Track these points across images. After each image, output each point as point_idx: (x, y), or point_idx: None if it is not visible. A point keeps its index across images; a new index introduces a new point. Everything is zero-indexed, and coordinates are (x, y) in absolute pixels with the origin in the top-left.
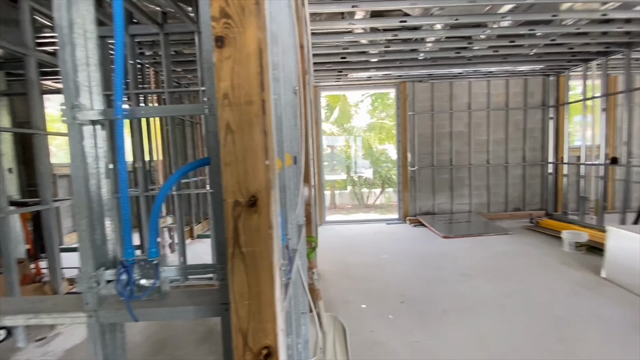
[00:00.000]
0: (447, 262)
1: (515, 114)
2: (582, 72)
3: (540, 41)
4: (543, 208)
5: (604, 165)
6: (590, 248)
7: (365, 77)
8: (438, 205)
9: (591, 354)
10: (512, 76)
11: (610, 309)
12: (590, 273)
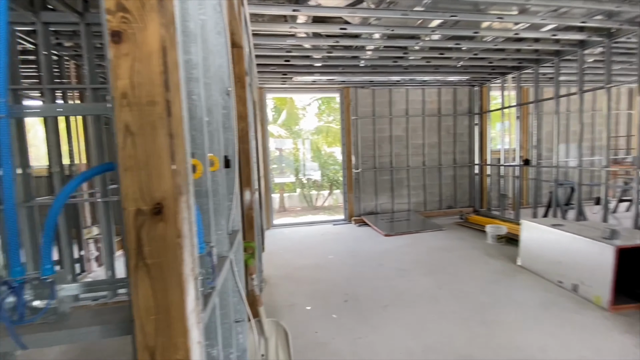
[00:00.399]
0: (388, 259)
1: (446, 120)
2: (500, 84)
3: (466, 55)
4: (471, 205)
5: (519, 166)
6: (509, 240)
7: (310, 80)
8: (380, 205)
9: (509, 333)
10: (443, 85)
11: (525, 293)
12: (508, 262)
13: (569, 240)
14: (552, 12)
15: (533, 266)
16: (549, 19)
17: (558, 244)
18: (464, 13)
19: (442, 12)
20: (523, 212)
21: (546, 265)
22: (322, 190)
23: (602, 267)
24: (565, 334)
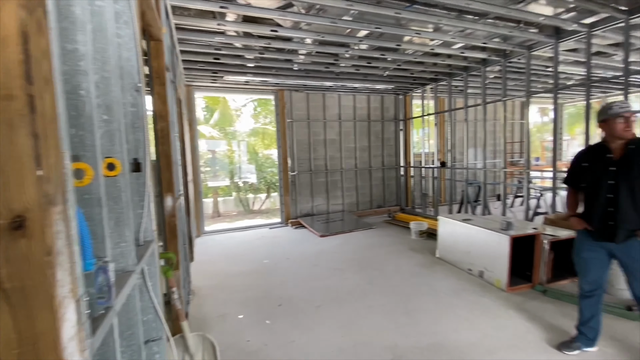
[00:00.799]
0: (323, 259)
1: (375, 126)
2: (420, 93)
3: (390, 65)
4: (398, 204)
5: (437, 168)
6: (430, 234)
7: (243, 81)
8: (316, 207)
9: (428, 320)
10: (372, 93)
11: (441, 282)
12: (429, 255)
13: (475, 232)
14: (460, 32)
15: (448, 257)
16: (458, 38)
17: (467, 236)
18: (387, 26)
19: (368, 24)
20: (441, 209)
21: (459, 255)
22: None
23: (500, 255)
24: (473, 316)
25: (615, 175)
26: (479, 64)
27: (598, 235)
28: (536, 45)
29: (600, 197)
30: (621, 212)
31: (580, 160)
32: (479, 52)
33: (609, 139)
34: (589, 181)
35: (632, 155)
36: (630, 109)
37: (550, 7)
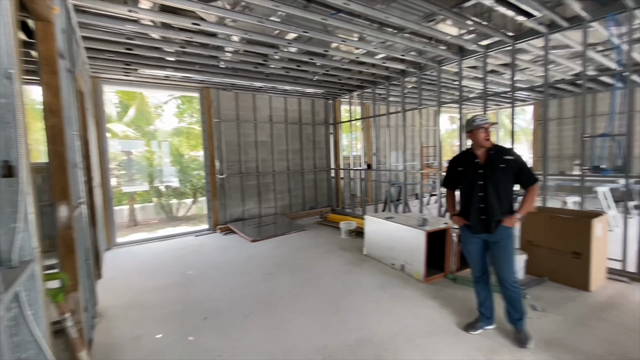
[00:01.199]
0: (253, 265)
1: (307, 128)
2: (348, 99)
3: (319, 70)
4: (330, 205)
5: (364, 170)
6: (358, 233)
7: (162, 76)
8: (248, 211)
9: (356, 317)
10: (303, 96)
11: (368, 278)
12: (357, 252)
13: (397, 229)
14: (382, 44)
15: (374, 253)
16: (380, 48)
17: (390, 232)
18: (315, 31)
19: (296, 27)
20: (368, 208)
21: (383, 251)
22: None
23: (418, 249)
24: (395, 308)
25: (483, 177)
26: (399, 74)
27: (475, 228)
28: (445, 60)
29: (473, 196)
30: (490, 207)
31: (455, 165)
32: (399, 64)
33: (475, 146)
34: (464, 183)
35: (493, 159)
36: (488, 121)
37: (456, 27)
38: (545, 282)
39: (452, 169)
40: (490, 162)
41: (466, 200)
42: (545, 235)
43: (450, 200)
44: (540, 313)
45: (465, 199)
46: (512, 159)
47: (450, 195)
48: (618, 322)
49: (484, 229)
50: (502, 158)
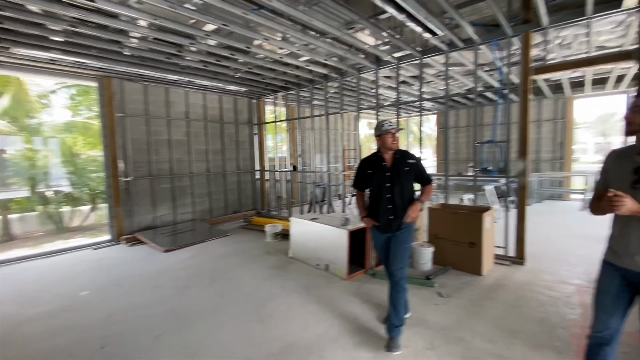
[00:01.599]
0: (167, 278)
1: (229, 128)
2: (273, 100)
3: (242, 67)
4: (254, 208)
5: (290, 172)
6: (284, 235)
7: (46, 58)
8: (160, 218)
9: (281, 323)
10: (224, 94)
11: (294, 281)
12: (283, 256)
13: (321, 229)
14: (305, 46)
15: (300, 255)
16: (304, 51)
17: (315, 233)
18: (236, 25)
19: (215, 18)
20: (294, 210)
21: (308, 252)
22: (81, 205)
23: (341, 247)
24: (320, 308)
25: (390, 179)
26: (322, 78)
27: (383, 229)
28: (364, 68)
29: (382, 197)
30: (397, 208)
31: (365, 168)
32: (322, 68)
33: (383, 150)
34: (373, 185)
35: (399, 162)
36: (395, 127)
37: (373, 38)
38: (448, 270)
39: (362, 171)
40: (396, 165)
41: (375, 201)
42: (448, 229)
43: (360, 202)
44: (446, 299)
45: (374, 200)
46: (414, 163)
47: (360, 196)
48: (504, 300)
49: (391, 228)
50: (406, 161)
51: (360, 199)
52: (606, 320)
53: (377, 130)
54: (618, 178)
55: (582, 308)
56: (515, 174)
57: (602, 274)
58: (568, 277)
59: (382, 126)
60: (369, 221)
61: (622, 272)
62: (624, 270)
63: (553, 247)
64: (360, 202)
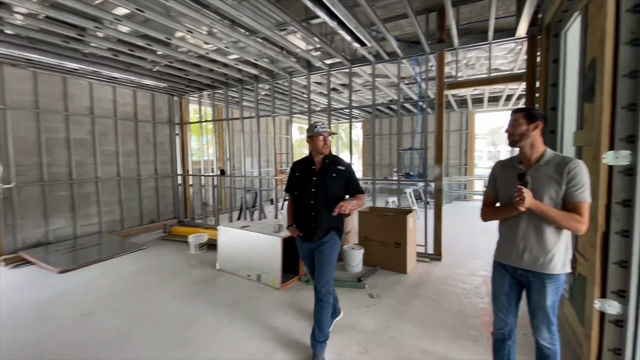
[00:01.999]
0: (62, 305)
1: (145, 127)
2: (198, 98)
3: (161, 60)
4: (176, 217)
5: (217, 176)
6: (210, 246)
7: None
8: (55, 232)
9: (207, 346)
10: (139, 88)
11: (222, 296)
12: (209, 268)
13: (253, 238)
14: (234, 44)
15: (229, 267)
16: (233, 49)
17: (246, 242)
18: (152, 12)
19: (127, 1)
20: (222, 218)
21: (238, 263)
22: None
23: (274, 256)
24: (252, 324)
25: (315, 184)
26: (252, 79)
27: (305, 237)
28: (296, 72)
29: (306, 203)
30: (320, 216)
31: (294, 170)
32: (252, 68)
33: (313, 153)
34: (299, 189)
35: (327, 167)
36: (327, 130)
37: (304, 42)
38: (377, 270)
39: (292, 174)
40: (324, 170)
41: (300, 207)
42: (376, 231)
43: (291, 207)
44: (376, 299)
45: (298, 205)
46: (344, 170)
47: (291, 202)
48: (427, 296)
49: (312, 238)
50: (336, 168)
51: (290, 204)
52: (504, 318)
53: (309, 132)
54: (506, 184)
55: (489, 297)
56: (433, 178)
57: (494, 275)
58: (476, 269)
59: (314, 127)
60: (293, 230)
61: (511, 271)
62: (512, 269)
63: (462, 243)
64: (290, 209)
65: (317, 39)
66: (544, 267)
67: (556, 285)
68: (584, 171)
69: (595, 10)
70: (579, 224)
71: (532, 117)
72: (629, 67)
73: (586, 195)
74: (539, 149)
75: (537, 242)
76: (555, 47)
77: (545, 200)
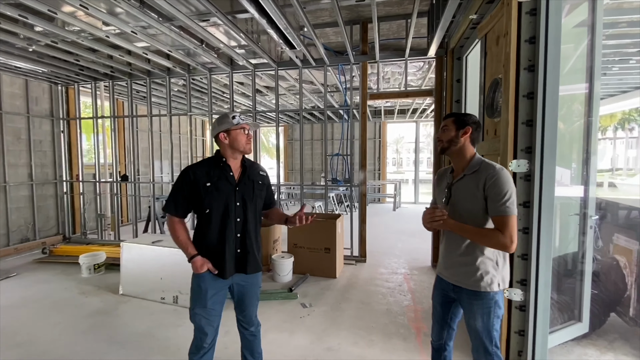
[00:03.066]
0: None
1: (15, 121)
2: (91, 89)
3: (42, 39)
4: (60, 232)
5: (117, 183)
6: (110, 267)
7: None
8: None
9: None
10: (7, 71)
11: (129, 327)
12: (109, 294)
13: (168, 254)
14: (143, 29)
15: (137, 291)
16: (141, 35)
17: (159, 260)
18: None
19: None
20: (124, 230)
21: (149, 285)
22: None
23: None
24: (171, 355)
25: (241, 196)
26: (164, 72)
27: (230, 270)
28: (216, 69)
29: (228, 223)
30: (250, 238)
31: (199, 180)
32: (164, 59)
33: (230, 153)
34: (213, 205)
35: (250, 173)
36: (251, 122)
37: (227, 37)
38: (307, 278)
39: (191, 186)
40: (248, 177)
41: (215, 230)
42: (305, 237)
43: (184, 233)
44: (310, 309)
45: (214, 228)
46: (265, 175)
47: (181, 226)
48: (357, 299)
49: (246, 267)
50: (259, 173)
51: (182, 230)
52: (439, 331)
53: (223, 124)
54: (439, 196)
55: (410, 293)
56: (358, 183)
57: (434, 287)
58: (397, 267)
59: (232, 117)
60: (203, 263)
61: (444, 286)
62: (446, 283)
63: (382, 243)
64: (182, 234)
65: (242, 36)
66: (469, 283)
67: (485, 305)
68: (504, 180)
69: (493, 40)
70: (502, 240)
71: (462, 123)
72: (527, 89)
73: (507, 208)
74: (466, 156)
75: (460, 255)
76: (459, 68)
77: (464, 214)
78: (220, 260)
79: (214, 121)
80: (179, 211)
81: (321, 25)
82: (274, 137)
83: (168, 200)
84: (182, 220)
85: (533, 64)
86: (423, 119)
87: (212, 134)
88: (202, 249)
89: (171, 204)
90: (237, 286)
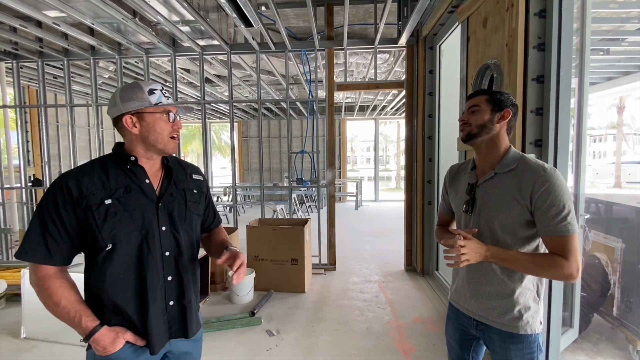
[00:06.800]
0: None
1: None
2: None
3: None
4: None
5: (28, 189)
6: (12, 297)
7: None
8: None
9: None
10: None
11: None
12: (8, 339)
13: None
14: None
15: (45, 332)
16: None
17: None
18: None
19: None
20: None
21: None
22: None
23: None
24: None
25: (166, 215)
26: (86, 51)
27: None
28: (155, 50)
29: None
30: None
31: (91, 194)
32: (86, 36)
33: (140, 148)
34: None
35: (177, 178)
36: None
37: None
38: (271, 295)
39: (70, 206)
40: (175, 185)
41: (124, 277)
42: (268, 248)
43: (69, 293)
44: (277, 337)
45: (121, 274)
46: (202, 180)
47: (62, 283)
48: (332, 318)
49: (174, 332)
50: (191, 177)
51: (63, 288)
52: None
53: (129, 100)
54: (457, 202)
55: (390, 305)
56: (326, 183)
57: (448, 319)
58: (369, 274)
59: (149, 92)
60: (116, 336)
61: (464, 319)
62: (466, 317)
63: (348, 246)
64: (67, 295)
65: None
66: (503, 322)
67: (526, 351)
68: (560, 187)
69: (479, 22)
70: (567, 270)
71: (499, 104)
72: (537, 71)
73: (570, 226)
74: (500, 148)
75: (488, 284)
76: (431, 58)
77: (497, 229)
78: (142, 325)
79: (114, 92)
80: (55, 256)
81: (281, 4)
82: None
83: (28, 238)
84: (63, 271)
85: (543, 41)
86: (382, 117)
87: (111, 114)
88: (103, 312)
89: (36, 246)
90: (169, 355)
